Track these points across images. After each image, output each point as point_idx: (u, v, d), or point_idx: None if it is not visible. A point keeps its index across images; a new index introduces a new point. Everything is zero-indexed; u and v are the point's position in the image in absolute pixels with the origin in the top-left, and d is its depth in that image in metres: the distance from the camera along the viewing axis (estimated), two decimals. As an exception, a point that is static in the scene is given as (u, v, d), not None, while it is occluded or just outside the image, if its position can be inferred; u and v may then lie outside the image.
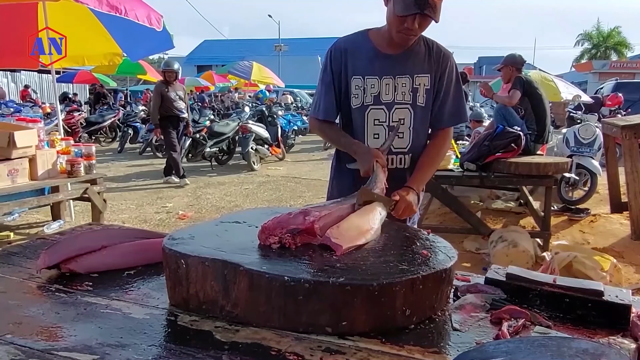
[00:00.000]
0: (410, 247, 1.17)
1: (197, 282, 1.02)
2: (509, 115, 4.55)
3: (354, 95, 1.67)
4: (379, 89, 1.64)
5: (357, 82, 1.66)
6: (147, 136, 10.31)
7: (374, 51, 1.66)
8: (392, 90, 1.64)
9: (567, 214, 4.95)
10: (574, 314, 1.07)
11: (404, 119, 1.66)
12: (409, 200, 1.51)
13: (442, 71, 1.67)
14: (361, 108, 1.67)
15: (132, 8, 4.79)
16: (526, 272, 1.19)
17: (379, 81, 1.64)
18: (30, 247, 1.45)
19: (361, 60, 1.66)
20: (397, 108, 1.65)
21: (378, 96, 1.65)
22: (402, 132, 1.67)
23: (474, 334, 0.98)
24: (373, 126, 1.67)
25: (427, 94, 1.66)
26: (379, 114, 1.66)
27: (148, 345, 0.89)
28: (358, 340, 0.93)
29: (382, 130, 1.67)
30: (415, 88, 1.65)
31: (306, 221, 1.10)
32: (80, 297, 1.10)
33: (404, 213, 1.51)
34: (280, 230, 1.09)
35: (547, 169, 3.90)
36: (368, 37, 1.69)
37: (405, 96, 1.65)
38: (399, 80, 1.64)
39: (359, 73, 1.66)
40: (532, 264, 3.67)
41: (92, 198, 4.59)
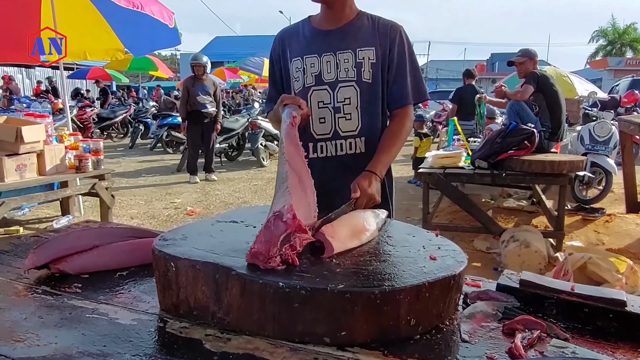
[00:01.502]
0: (417, 251, 1.10)
1: (187, 287, 0.96)
2: (522, 111, 4.44)
3: (295, 78, 1.57)
4: (320, 67, 1.54)
5: (296, 64, 1.57)
6: (158, 132, 10.33)
7: (312, 31, 1.59)
8: (334, 67, 1.53)
9: (582, 214, 4.83)
10: (594, 325, 0.99)
11: (350, 97, 1.53)
12: (370, 193, 1.37)
13: (391, 44, 1.55)
14: (303, 90, 1.56)
15: (148, 4, 4.81)
16: (541, 279, 1.11)
17: (319, 59, 1.54)
18: (22, 245, 1.41)
19: (299, 42, 1.59)
20: (341, 87, 1.53)
21: (320, 75, 1.54)
22: (349, 112, 1.54)
23: (484, 346, 0.90)
24: (317, 109, 1.55)
25: (374, 68, 1.53)
26: (323, 95, 1.54)
27: (132, 354, 0.83)
28: (358, 351, 0.86)
29: (328, 113, 1.55)
30: (359, 63, 1.52)
31: (288, 221, 0.98)
32: (66, 300, 1.04)
33: (367, 206, 1.37)
34: (275, 247, 0.94)
35: (562, 167, 3.78)
36: (308, 20, 1.63)
37: (349, 73, 1.53)
38: (340, 56, 1.53)
39: (297, 54, 1.57)
40: (544, 264, 3.57)
41: (100, 193, 4.58)
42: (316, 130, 1.57)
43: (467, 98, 6.50)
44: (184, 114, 7.08)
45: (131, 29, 5.42)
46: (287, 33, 1.65)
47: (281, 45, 1.62)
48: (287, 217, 0.98)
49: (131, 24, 5.26)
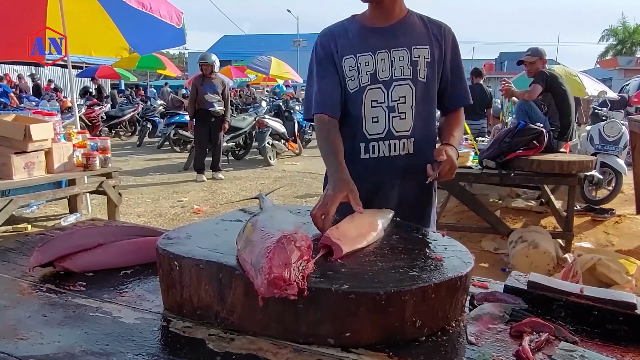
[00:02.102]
0: (423, 251, 1.08)
1: (191, 286, 0.95)
2: (531, 111, 4.40)
3: (349, 77, 1.51)
4: (375, 65, 1.49)
5: (349, 63, 1.50)
6: (165, 130, 10.37)
7: (362, 28, 1.53)
8: (389, 65, 1.48)
9: (591, 214, 4.77)
10: (603, 329, 0.97)
11: (405, 96, 1.49)
12: (453, 160, 1.40)
13: (447, 46, 1.54)
14: (359, 90, 1.50)
15: (157, 5, 4.83)
16: (550, 280, 1.09)
17: (374, 57, 1.49)
18: (28, 243, 1.41)
19: (349, 38, 1.52)
20: (396, 85, 1.49)
21: (375, 74, 1.49)
22: (404, 111, 1.50)
23: (491, 349, 0.89)
24: (371, 109, 1.51)
25: (429, 67, 1.50)
26: (377, 94, 1.50)
27: (135, 354, 0.83)
28: (363, 353, 0.85)
29: (382, 113, 1.50)
30: (415, 61, 1.49)
31: (302, 248, 0.87)
32: (70, 299, 1.04)
33: (449, 173, 1.41)
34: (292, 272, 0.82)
35: (571, 167, 3.74)
36: (354, 18, 1.57)
37: (405, 71, 1.49)
38: (395, 53, 1.49)
39: (349, 52, 1.50)
40: (553, 266, 3.54)
41: (107, 191, 4.60)
42: (369, 130, 1.52)
43: (476, 97, 6.43)
44: (192, 112, 7.10)
45: (137, 28, 5.43)
46: (335, 29, 1.57)
47: (332, 42, 1.53)
48: (301, 244, 0.87)
49: (137, 22, 5.27)
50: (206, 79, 6.98)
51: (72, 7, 5.07)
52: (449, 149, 1.43)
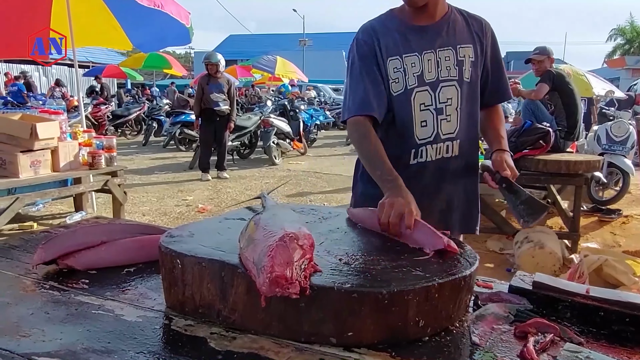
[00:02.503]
0: (427, 250, 1.07)
1: (193, 284, 0.95)
2: (537, 110, 4.37)
3: (393, 80, 1.43)
4: (421, 66, 1.42)
5: (394, 64, 1.43)
6: (171, 129, 10.40)
7: (404, 25, 1.45)
8: (435, 66, 1.43)
9: (598, 215, 4.74)
10: (609, 330, 0.96)
11: (451, 98, 1.44)
12: (513, 167, 1.43)
13: (488, 42, 1.50)
14: (405, 93, 1.43)
15: (167, 3, 4.85)
16: (555, 281, 1.08)
17: (420, 57, 1.42)
18: (32, 240, 1.41)
19: (393, 37, 1.44)
20: (442, 87, 1.44)
21: (421, 75, 1.43)
22: (450, 113, 1.45)
23: (495, 350, 0.88)
24: (420, 112, 1.44)
25: (473, 67, 1.46)
26: (424, 97, 1.44)
27: (136, 352, 0.82)
28: (365, 352, 0.85)
29: (430, 116, 1.44)
30: (460, 61, 1.44)
31: (305, 246, 0.87)
32: (73, 296, 1.04)
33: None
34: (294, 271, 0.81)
35: (577, 167, 3.71)
36: (393, 13, 1.50)
37: (451, 71, 1.44)
38: (441, 53, 1.43)
39: (394, 53, 1.43)
40: (559, 266, 3.51)
41: (112, 190, 4.62)
42: (419, 135, 1.45)
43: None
44: (197, 111, 7.14)
45: (140, 26, 5.45)
46: (376, 27, 1.48)
47: (375, 38, 1.45)
48: (304, 242, 0.87)
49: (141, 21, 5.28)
50: (212, 78, 7.00)
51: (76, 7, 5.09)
52: (507, 158, 1.43)
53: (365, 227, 1.21)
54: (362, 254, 1.01)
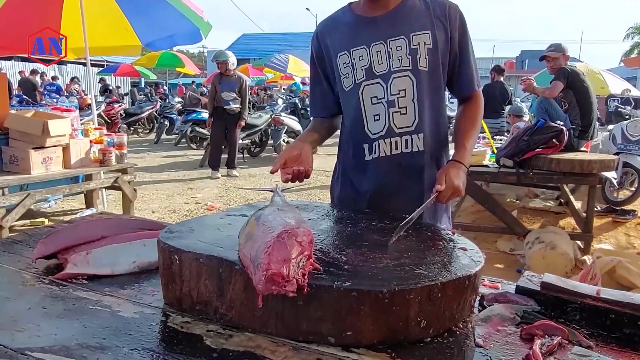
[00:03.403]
0: (431, 249, 1.04)
1: (190, 280, 0.93)
2: (551, 108, 4.29)
3: (343, 75, 1.42)
4: (370, 59, 1.38)
5: (343, 60, 1.41)
6: (183, 127, 10.44)
7: (355, 19, 1.42)
8: (386, 57, 1.37)
9: (612, 216, 4.65)
10: (620, 333, 0.92)
11: (405, 89, 1.37)
12: (456, 185, 1.27)
13: (452, 25, 1.39)
14: (354, 88, 1.40)
15: None
16: (564, 282, 1.04)
17: (368, 50, 1.38)
18: (35, 235, 1.41)
19: (342, 33, 1.43)
20: (394, 78, 1.37)
21: (370, 68, 1.38)
22: (405, 106, 1.38)
23: (500, 352, 0.84)
24: (371, 106, 1.40)
25: (431, 54, 1.37)
26: (376, 90, 1.39)
27: (130, 348, 0.81)
28: (364, 353, 0.82)
29: (382, 109, 1.38)
30: (414, 49, 1.36)
31: (304, 243, 0.84)
32: (72, 291, 1.03)
33: (451, 197, 1.31)
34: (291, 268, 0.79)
35: (591, 167, 3.64)
36: (349, 8, 1.46)
37: (403, 61, 1.36)
38: (392, 43, 1.36)
39: (343, 48, 1.41)
40: (571, 268, 3.45)
41: (122, 187, 4.65)
42: (371, 129, 1.41)
43: (495, 95, 6.34)
44: (210, 110, 7.21)
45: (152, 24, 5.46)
46: (326, 27, 1.49)
47: (321, 42, 1.47)
48: (303, 239, 0.84)
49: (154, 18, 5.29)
50: (224, 76, 7.02)
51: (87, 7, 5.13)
52: (452, 171, 1.30)
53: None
54: (364, 252, 0.99)
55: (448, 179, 1.28)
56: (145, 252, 1.16)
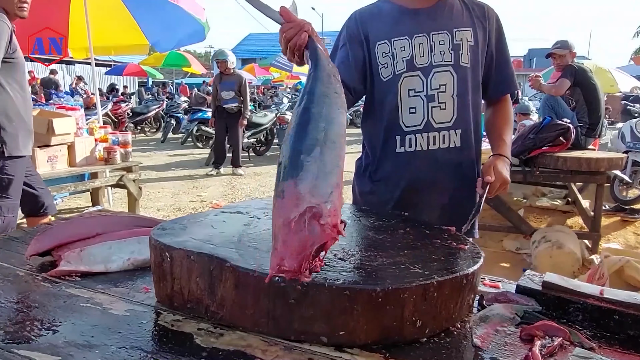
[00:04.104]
0: (429, 247, 1.02)
1: (181, 278, 0.92)
2: (557, 106, 4.24)
3: (382, 65, 1.38)
4: (411, 51, 1.35)
5: (383, 49, 1.37)
6: (189, 126, 10.47)
7: (398, 10, 1.39)
8: (428, 50, 1.35)
9: (620, 215, 4.58)
10: (624, 335, 0.89)
11: (446, 84, 1.36)
12: (504, 177, 1.31)
13: (490, 26, 1.41)
14: (393, 79, 1.37)
15: None
16: (567, 281, 1.01)
17: (410, 42, 1.35)
18: (32, 232, 1.40)
19: (384, 22, 1.39)
20: (435, 72, 1.36)
21: (411, 60, 1.36)
22: (444, 101, 1.36)
23: (498, 353, 0.82)
24: (408, 98, 1.37)
25: (472, 51, 1.37)
26: (415, 82, 1.36)
27: (118, 347, 0.79)
28: (357, 353, 0.80)
29: (420, 102, 1.36)
30: (457, 45, 1.36)
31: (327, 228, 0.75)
32: (64, 288, 1.02)
33: (500, 190, 1.33)
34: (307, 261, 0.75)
35: (599, 165, 3.58)
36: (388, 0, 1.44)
37: (445, 56, 1.36)
38: (435, 37, 1.36)
39: (383, 37, 1.37)
40: (578, 267, 3.40)
41: (127, 185, 4.65)
42: (405, 122, 1.38)
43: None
44: (213, 109, 7.28)
45: (158, 24, 5.48)
46: (368, 12, 1.44)
47: (360, 25, 1.41)
48: (326, 221, 0.75)
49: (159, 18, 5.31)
50: (224, 76, 7.07)
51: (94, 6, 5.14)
52: (499, 164, 1.33)
53: None
54: (359, 250, 0.97)
55: (497, 172, 1.30)
56: (140, 249, 1.14)
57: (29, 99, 2.71)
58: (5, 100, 2.47)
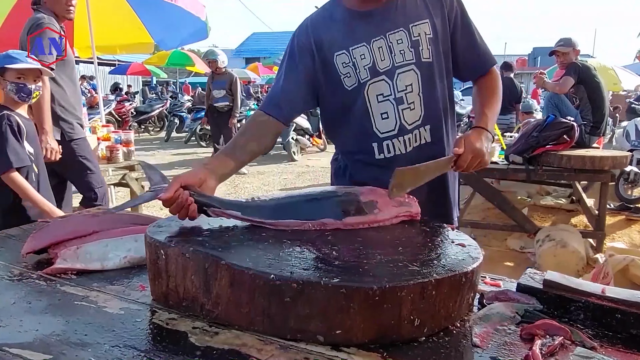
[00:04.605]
0: (427, 244, 1.00)
1: (177, 276, 0.91)
2: (561, 103, 4.20)
3: (344, 75, 1.33)
4: (372, 57, 1.30)
5: (342, 59, 1.32)
6: (192, 125, 10.47)
7: (350, 14, 1.33)
8: (388, 52, 1.30)
9: (625, 214, 4.54)
10: (627, 334, 0.88)
11: (411, 84, 1.31)
12: (477, 148, 1.20)
13: (449, 10, 1.33)
14: (358, 87, 1.33)
15: None
16: (568, 279, 0.99)
17: (369, 47, 1.30)
18: (30, 230, 1.39)
19: (338, 30, 1.33)
20: (399, 73, 1.30)
21: (373, 66, 1.31)
22: (412, 101, 1.31)
23: (498, 353, 0.80)
24: (378, 104, 1.33)
25: (433, 44, 1.31)
26: (381, 87, 1.32)
27: (111, 345, 0.78)
28: (354, 352, 0.79)
29: (390, 107, 1.32)
30: (415, 41, 1.30)
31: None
32: (59, 286, 1.01)
33: (473, 165, 1.22)
34: None
35: (604, 163, 3.55)
36: (337, 2, 1.37)
37: (406, 55, 1.30)
38: (392, 37, 1.30)
39: (341, 47, 1.32)
40: (582, 266, 3.37)
41: (129, 184, 4.65)
42: (379, 128, 1.34)
43: (505, 92, 6.21)
44: (206, 108, 7.41)
45: (161, 23, 5.48)
46: (318, 22, 1.39)
47: (313, 36, 1.36)
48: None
49: (162, 17, 5.30)
50: (216, 75, 7.11)
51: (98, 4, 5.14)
52: (473, 135, 1.24)
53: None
54: (356, 248, 0.95)
55: (467, 143, 1.21)
56: (137, 247, 1.13)
57: (78, 91, 3.16)
58: (59, 93, 2.85)
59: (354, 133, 1.40)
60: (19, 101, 2.24)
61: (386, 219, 1.10)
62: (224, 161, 1.24)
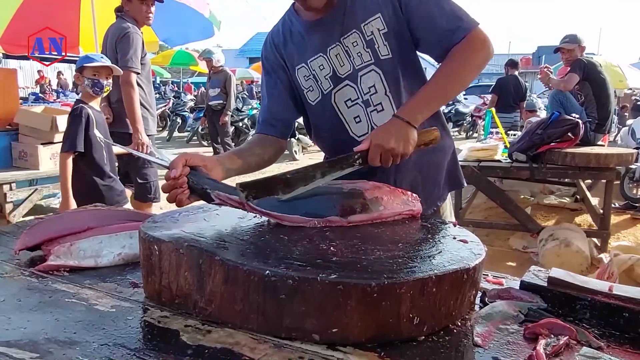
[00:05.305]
0: (429, 240, 0.98)
1: (170, 272, 0.88)
2: (566, 100, 4.16)
3: (306, 89, 1.33)
4: (330, 66, 1.28)
5: (303, 72, 1.32)
6: (194, 125, 10.47)
7: (304, 25, 1.31)
8: (346, 57, 1.27)
9: (630, 212, 4.51)
10: (635, 333, 0.84)
11: (374, 85, 1.27)
12: (381, 142, 1.08)
13: None
14: (322, 99, 1.31)
15: None
16: (574, 277, 0.96)
17: (326, 57, 1.28)
18: (24, 227, 1.37)
19: (295, 44, 1.32)
20: (361, 76, 1.27)
21: (334, 75, 1.29)
22: (379, 102, 1.27)
23: (500, 353, 0.77)
24: (348, 109, 1.31)
25: (388, 38, 1.24)
26: (347, 92, 1.29)
27: (101, 343, 0.76)
28: (351, 352, 0.76)
29: (360, 110, 1.29)
30: (370, 40, 1.25)
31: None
32: (50, 283, 0.99)
33: (387, 161, 1.11)
34: None
35: (609, 161, 3.51)
36: (294, 11, 1.35)
37: (364, 56, 1.26)
38: (346, 41, 1.26)
39: (299, 60, 1.31)
40: (587, 266, 3.33)
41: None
42: (356, 133, 1.32)
43: (509, 89, 6.21)
44: (205, 107, 7.50)
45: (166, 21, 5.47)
46: (278, 37, 1.37)
47: (279, 52, 1.36)
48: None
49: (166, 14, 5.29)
50: (212, 74, 7.13)
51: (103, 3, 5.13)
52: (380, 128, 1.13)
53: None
54: (355, 243, 0.92)
55: (372, 137, 1.11)
56: (132, 244, 1.11)
57: (152, 91, 3.50)
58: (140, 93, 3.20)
59: (333, 140, 1.39)
60: (93, 95, 2.66)
61: (389, 216, 1.08)
62: (231, 157, 1.28)
